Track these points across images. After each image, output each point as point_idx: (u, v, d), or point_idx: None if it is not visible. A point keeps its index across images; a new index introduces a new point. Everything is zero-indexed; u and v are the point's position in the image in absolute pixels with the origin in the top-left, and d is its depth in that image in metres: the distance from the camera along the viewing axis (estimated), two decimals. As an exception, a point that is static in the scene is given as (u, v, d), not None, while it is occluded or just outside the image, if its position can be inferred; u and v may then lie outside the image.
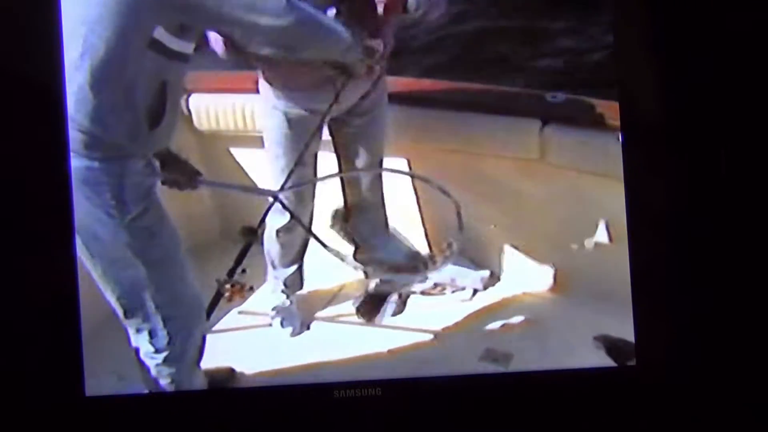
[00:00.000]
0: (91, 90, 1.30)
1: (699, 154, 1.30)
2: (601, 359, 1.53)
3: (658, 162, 1.31)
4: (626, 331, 1.32)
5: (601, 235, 1.82)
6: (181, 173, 1.55)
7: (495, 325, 1.79)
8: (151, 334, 1.44)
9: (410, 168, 1.96)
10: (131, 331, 1.45)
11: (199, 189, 1.63)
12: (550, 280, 1.87)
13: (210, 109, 1.90)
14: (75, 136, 1.31)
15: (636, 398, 1.28)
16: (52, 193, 1.29)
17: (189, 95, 1.87)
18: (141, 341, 1.45)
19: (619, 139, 1.32)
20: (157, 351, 1.44)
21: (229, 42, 1.51)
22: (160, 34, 1.32)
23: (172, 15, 1.32)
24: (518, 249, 1.92)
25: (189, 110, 1.90)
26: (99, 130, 1.33)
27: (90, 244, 1.37)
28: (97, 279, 1.41)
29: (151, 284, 1.41)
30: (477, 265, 1.96)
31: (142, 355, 1.46)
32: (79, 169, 1.33)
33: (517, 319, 1.81)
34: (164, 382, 1.46)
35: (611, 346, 1.53)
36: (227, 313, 1.73)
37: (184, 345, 1.45)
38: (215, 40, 1.55)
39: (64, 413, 1.26)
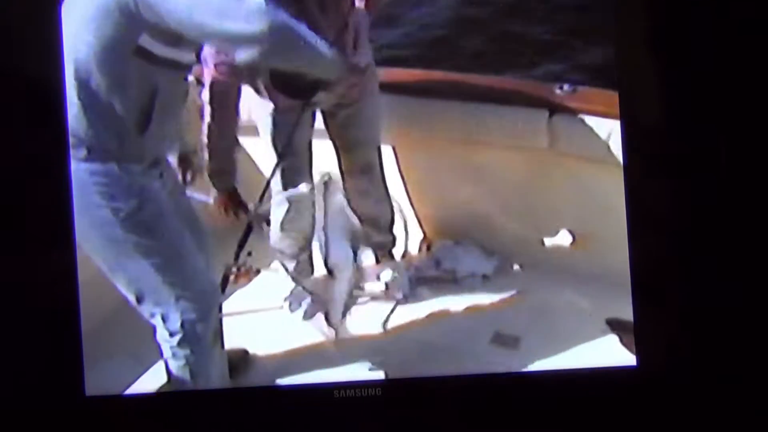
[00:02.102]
0: (75, 93, 1.31)
1: (699, 150, 1.30)
2: (611, 344, 1.53)
3: (658, 159, 1.31)
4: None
5: (563, 238, 1.88)
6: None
7: (503, 309, 1.81)
8: (164, 318, 1.44)
9: (397, 158, 1.98)
10: (146, 315, 1.45)
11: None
12: (556, 264, 1.88)
13: None
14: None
15: (636, 398, 1.28)
16: (53, 193, 1.29)
17: (202, 87, 1.85)
18: (156, 323, 1.46)
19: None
20: (171, 334, 1.44)
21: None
22: (147, 41, 1.33)
23: (148, 23, 1.32)
24: (525, 235, 1.93)
25: (201, 101, 1.89)
26: (83, 133, 1.34)
27: (90, 240, 1.38)
28: (105, 271, 1.42)
29: (158, 273, 1.42)
30: (486, 251, 1.97)
31: (157, 337, 1.46)
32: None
33: (525, 303, 1.82)
34: (178, 363, 1.46)
35: (623, 329, 1.53)
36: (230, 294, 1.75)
37: (195, 327, 1.45)
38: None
39: (64, 413, 1.27)
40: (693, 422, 1.27)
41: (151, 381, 1.53)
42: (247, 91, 1.76)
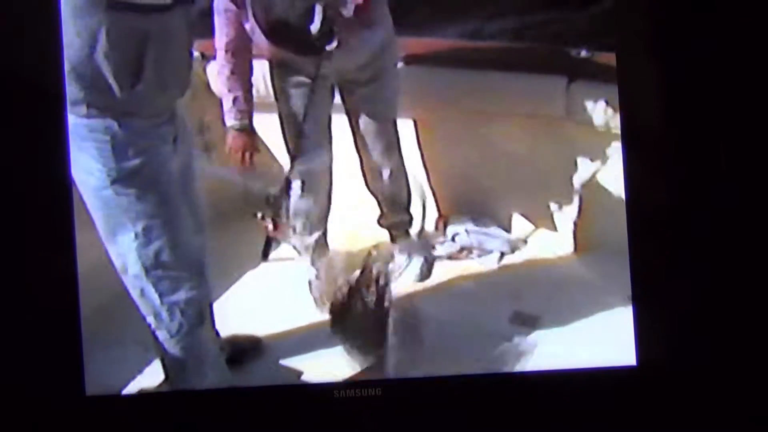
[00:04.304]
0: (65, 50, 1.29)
1: (699, 150, 1.30)
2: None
3: (658, 159, 1.31)
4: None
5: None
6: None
7: (522, 287, 1.79)
8: (142, 292, 1.42)
9: (417, 132, 1.95)
10: (130, 288, 1.44)
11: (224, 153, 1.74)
12: (571, 240, 1.86)
13: None
14: (59, 92, 1.30)
15: (636, 398, 1.28)
16: (53, 192, 1.29)
17: (207, 62, 1.87)
18: (136, 297, 1.44)
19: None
20: (154, 311, 1.43)
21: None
22: None
23: None
24: (543, 211, 1.92)
25: (207, 77, 1.90)
26: (78, 89, 1.31)
27: (89, 200, 1.36)
28: (102, 238, 1.40)
29: (143, 240, 1.39)
30: (504, 228, 1.95)
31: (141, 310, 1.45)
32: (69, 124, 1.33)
33: (544, 281, 1.81)
34: (163, 337, 1.45)
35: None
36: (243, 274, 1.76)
37: (177, 305, 1.43)
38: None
39: (64, 413, 1.27)
40: (693, 422, 1.27)
41: (158, 370, 1.52)
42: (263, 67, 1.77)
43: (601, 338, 1.50)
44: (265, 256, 1.66)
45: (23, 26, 1.28)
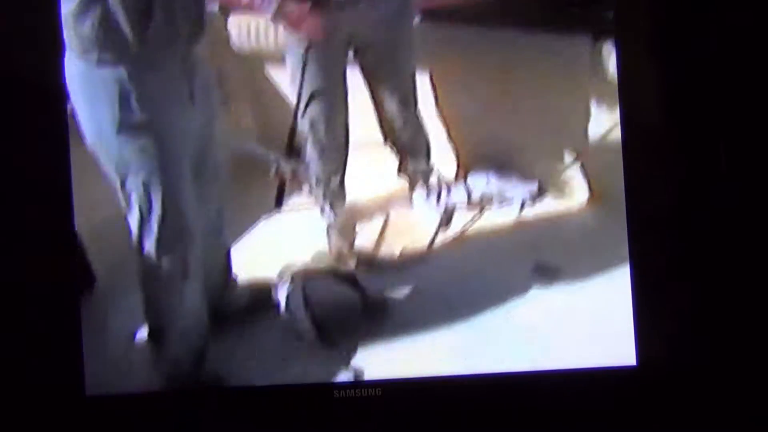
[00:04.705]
0: None
1: (699, 150, 1.30)
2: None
3: (658, 159, 1.31)
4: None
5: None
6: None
7: (543, 238, 1.77)
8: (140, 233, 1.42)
9: (433, 85, 1.92)
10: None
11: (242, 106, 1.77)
12: (590, 191, 1.84)
13: (249, 29, 1.88)
14: (70, 40, 1.31)
15: (636, 398, 1.28)
16: (53, 192, 1.29)
17: (227, 17, 1.86)
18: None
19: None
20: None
21: None
22: None
23: None
24: (563, 162, 1.90)
25: (228, 31, 1.89)
26: (85, 31, 1.30)
27: (96, 145, 1.37)
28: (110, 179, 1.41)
29: (145, 190, 1.40)
30: (524, 179, 1.92)
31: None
32: (79, 73, 1.33)
33: (565, 232, 1.79)
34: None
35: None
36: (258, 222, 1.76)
37: (163, 258, 1.43)
38: None
39: (64, 413, 1.27)
40: (693, 422, 1.27)
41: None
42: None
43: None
44: (278, 204, 1.66)
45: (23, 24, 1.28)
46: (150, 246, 1.42)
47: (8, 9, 1.27)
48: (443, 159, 1.96)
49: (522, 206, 1.88)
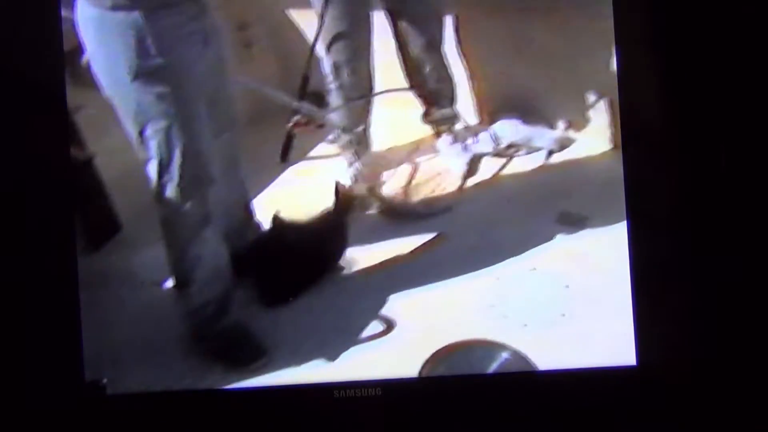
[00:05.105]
0: None
1: (699, 151, 1.30)
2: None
3: (658, 158, 1.31)
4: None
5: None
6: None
7: (570, 186, 1.75)
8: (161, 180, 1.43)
9: (457, 29, 1.91)
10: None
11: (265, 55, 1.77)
12: (614, 138, 1.79)
13: None
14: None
15: (636, 398, 1.28)
16: (53, 192, 1.29)
17: None
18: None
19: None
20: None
21: None
22: None
23: None
24: (588, 108, 1.85)
25: None
26: None
27: (109, 93, 1.37)
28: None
29: (164, 136, 1.40)
30: (551, 124, 1.90)
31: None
32: (93, 19, 1.33)
33: (592, 179, 1.74)
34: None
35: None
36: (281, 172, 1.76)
37: (184, 205, 1.45)
38: None
39: (64, 412, 1.26)
40: (693, 422, 1.26)
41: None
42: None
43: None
44: (284, 157, 1.67)
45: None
46: (171, 192, 1.43)
47: (8, 9, 1.27)
48: (469, 106, 1.93)
49: (549, 154, 1.85)
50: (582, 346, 1.49)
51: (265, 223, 1.65)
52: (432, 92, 1.88)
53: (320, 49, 1.79)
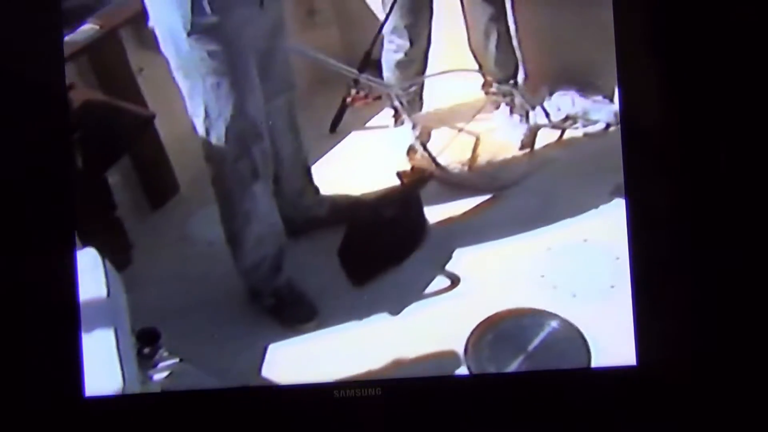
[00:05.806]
0: None
1: (699, 150, 1.30)
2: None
3: (658, 158, 1.31)
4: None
5: None
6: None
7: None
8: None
9: (513, 3, 1.89)
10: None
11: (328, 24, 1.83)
12: None
13: None
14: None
15: (636, 398, 1.28)
16: (53, 192, 1.29)
17: None
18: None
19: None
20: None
21: None
22: None
23: None
24: None
25: None
26: None
27: (165, 49, 1.42)
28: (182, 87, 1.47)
29: (216, 92, 1.44)
30: (608, 97, 1.88)
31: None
32: None
33: None
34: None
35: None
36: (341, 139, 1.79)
37: (238, 162, 1.48)
38: None
39: (64, 413, 1.26)
40: (693, 422, 1.27)
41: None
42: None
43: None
44: (333, 127, 1.68)
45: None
46: (218, 148, 1.46)
47: (9, 9, 1.27)
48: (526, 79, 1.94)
49: (607, 127, 1.84)
50: (629, 318, 1.49)
51: (323, 188, 1.68)
52: (494, 63, 1.88)
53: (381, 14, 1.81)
